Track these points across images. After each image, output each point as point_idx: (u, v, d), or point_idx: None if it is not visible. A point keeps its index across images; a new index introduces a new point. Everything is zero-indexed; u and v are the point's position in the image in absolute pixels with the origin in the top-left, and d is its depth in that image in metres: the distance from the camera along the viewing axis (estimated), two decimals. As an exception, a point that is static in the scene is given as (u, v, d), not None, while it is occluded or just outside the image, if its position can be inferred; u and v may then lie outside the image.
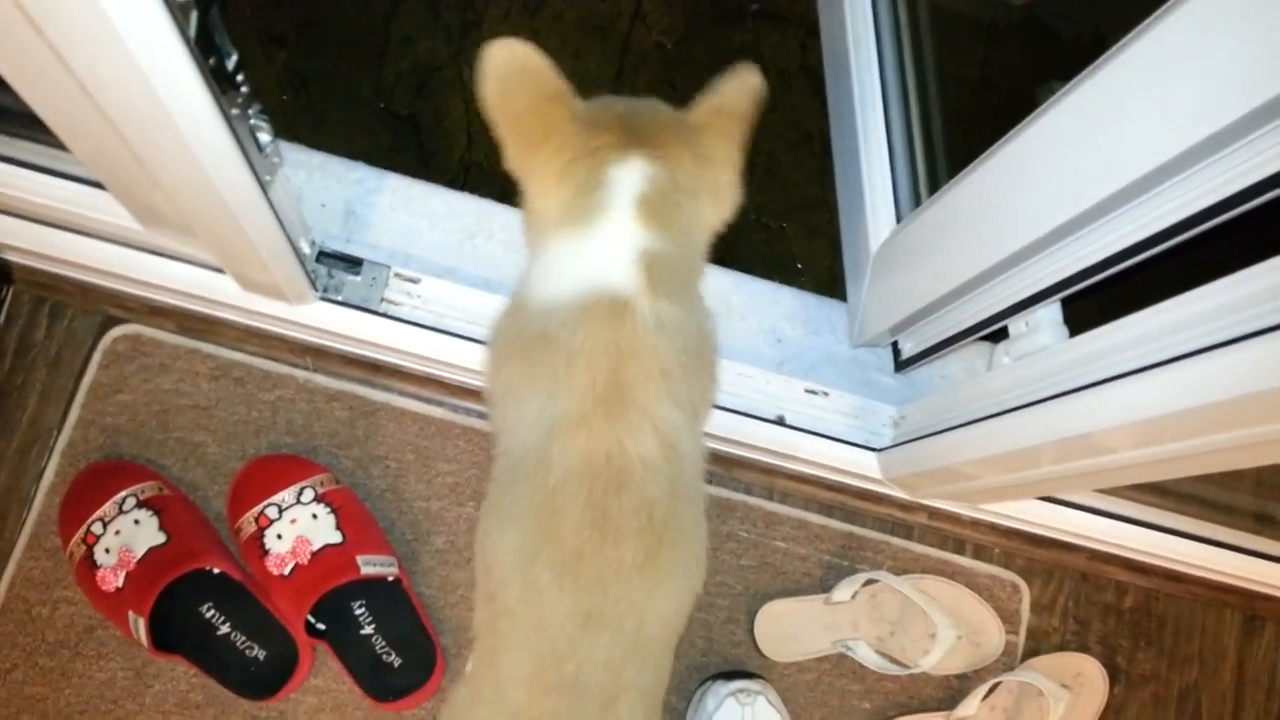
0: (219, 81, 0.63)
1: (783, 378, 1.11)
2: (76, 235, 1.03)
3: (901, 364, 1.13)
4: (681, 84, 1.51)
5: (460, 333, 1.05)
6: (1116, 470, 0.89)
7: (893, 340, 1.13)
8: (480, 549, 0.84)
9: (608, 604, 0.76)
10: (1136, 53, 0.65)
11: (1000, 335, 1.00)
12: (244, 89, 0.69)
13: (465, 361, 1.06)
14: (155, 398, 1.10)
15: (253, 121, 0.74)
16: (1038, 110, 0.79)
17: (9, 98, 0.86)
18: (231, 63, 0.66)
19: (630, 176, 0.77)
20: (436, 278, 1.07)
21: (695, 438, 0.82)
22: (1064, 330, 0.90)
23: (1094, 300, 0.86)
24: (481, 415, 1.14)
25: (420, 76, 1.47)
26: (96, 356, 1.11)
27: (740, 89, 0.82)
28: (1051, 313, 0.90)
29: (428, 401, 1.14)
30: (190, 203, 0.77)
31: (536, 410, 0.77)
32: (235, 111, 0.68)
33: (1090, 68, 0.71)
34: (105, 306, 1.11)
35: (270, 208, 0.79)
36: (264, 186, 0.76)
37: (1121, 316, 0.82)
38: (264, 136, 0.77)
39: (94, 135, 0.73)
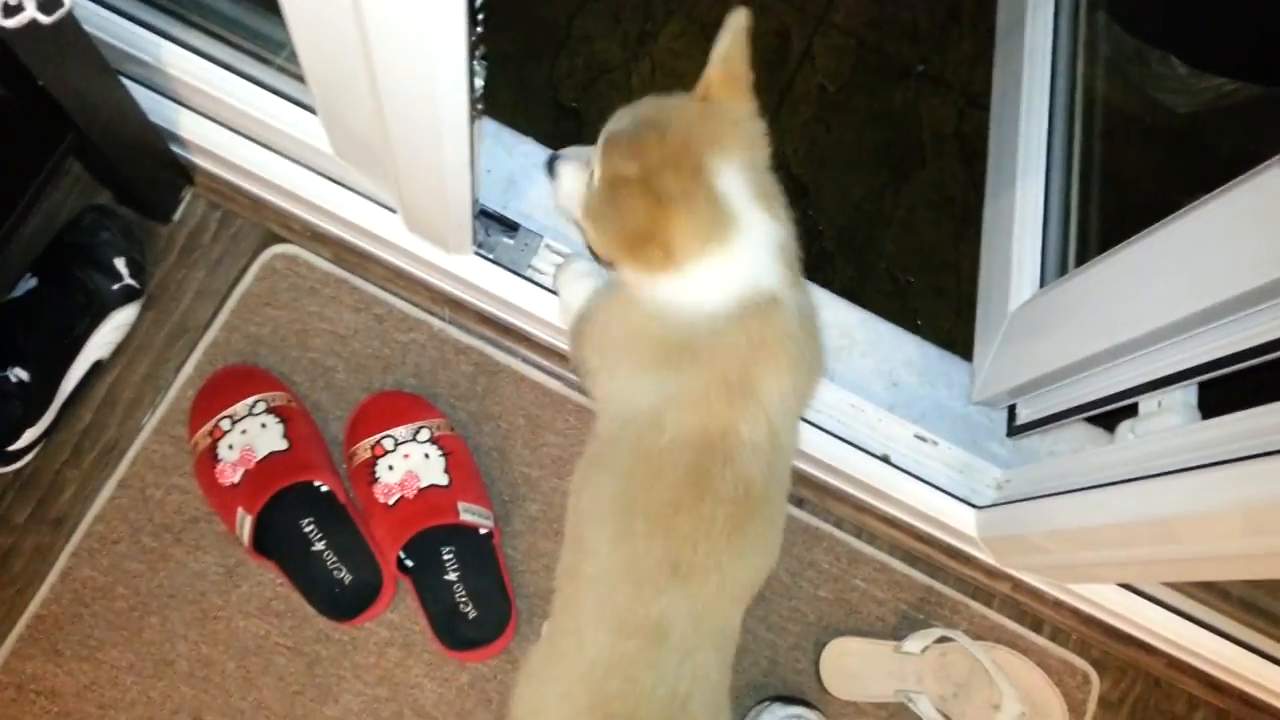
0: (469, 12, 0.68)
1: (894, 418, 1.12)
2: (266, 150, 1.09)
3: (1015, 429, 1.13)
4: (836, 127, 1.54)
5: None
6: (1214, 561, 0.89)
7: (1010, 404, 1.14)
8: (576, 495, 0.89)
9: (697, 558, 0.80)
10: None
11: (1116, 418, 1.00)
12: (481, 26, 0.73)
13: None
14: (299, 317, 1.15)
15: (475, 63, 0.78)
16: (1191, 205, 0.82)
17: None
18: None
19: (730, 179, 0.81)
20: (583, 256, 1.11)
21: (794, 430, 0.88)
22: (1197, 413, 0.90)
23: (1232, 384, 0.86)
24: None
25: (591, 74, 1.53)
26: (254, 268, 1.17)
27: (734, 45, 0.85)
28: (1187, 395, 0.90)
29: (548, 373, 1.17)
30: (406, 135, 0.82)
31: (654, 383, 0.82)
32: (472, 47, 0.73)
33: (1240, 179, 0.76)
34: (272, 224, 1.18)
35: (471, 151, 0.84)
36: (472, 130, 0.81)
37: (1259, 404, 0.82)
38: (479, 81, 0.81)
39: (338, 55, 0.78)
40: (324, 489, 1.05)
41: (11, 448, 1.06)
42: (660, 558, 0.80)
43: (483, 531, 1.08)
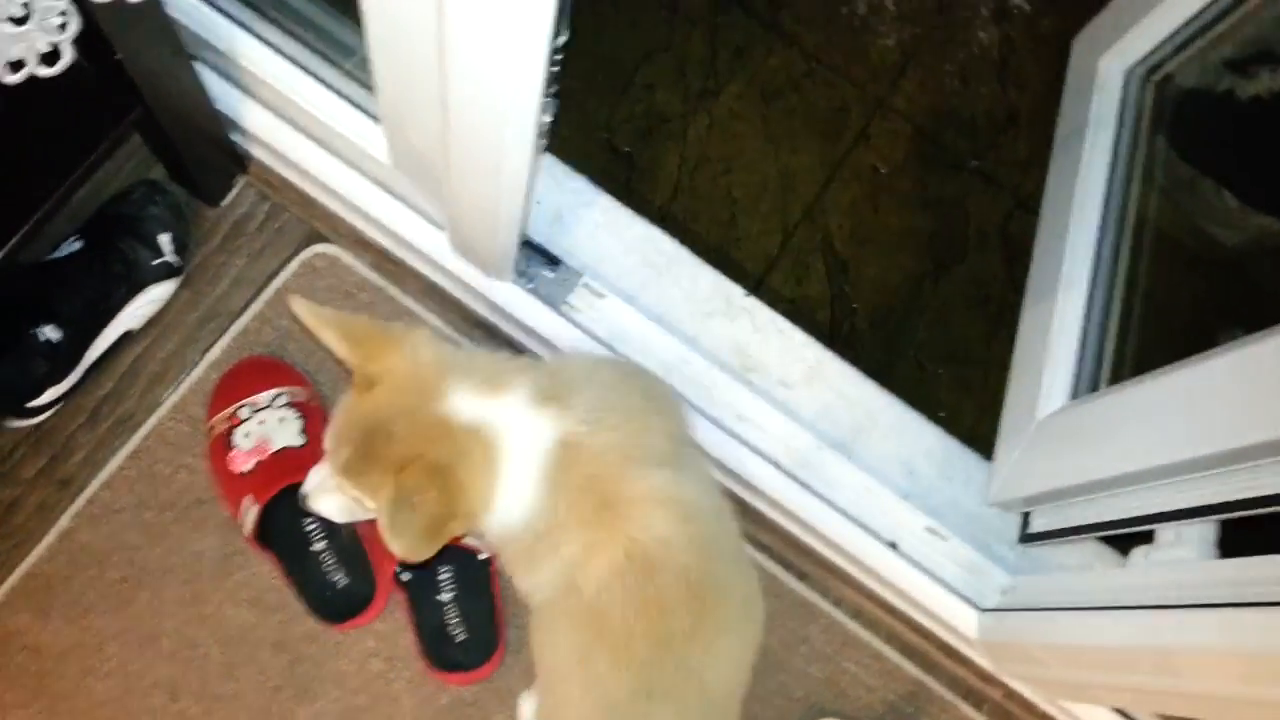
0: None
1: (907, 507, 1.12)
2: (323, 151, 1.11)
3: (1027, 536, 1.12)
4: (883, 209, 1.55)
5: (627, 356, 1.09)
6: (1212, 701, 0.87)
7: (1026, 510, 1.13)
8: (538, 655, 0.89)
9: (666, 674, 0.80)
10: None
11: (1131, 541, 0.99)
12: (559, 65, 0.75)
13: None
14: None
15: (546, 98, 0.79)
16: (1233, 342, 0.82)
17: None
18: (564, 34, 0.72)
19: (465, 407, 0.79)
20: (622, 300, 1.11)
21: (698, 478, 0.86)
22: (1214, 550, 0.89)
23: (1255, 526, 0.85)
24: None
25: (649, 122, 1.55)
26: (294, 264, 1.18)
27: (341, 330, 0.81)
28: (1206, 530, 0.90)
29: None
30: (469, 159, 0.83)
31: (546, 571, 0.82)
32: (547, 82, 0.74)
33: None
34: (318, 223, 1.19)
35: (529, 183, 0.85)
36: (534, 162, 0.82)
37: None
38: (547, 116, 0.82)
39: (413, 72, 0.80)
40: (330, 491, 1.05)
41: (32, 404, 1.07)
42: (633, 689, 0.79)
43: (481, 556, 1.07)
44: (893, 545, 1.10)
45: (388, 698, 1.08)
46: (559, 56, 0.75)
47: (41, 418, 1.09)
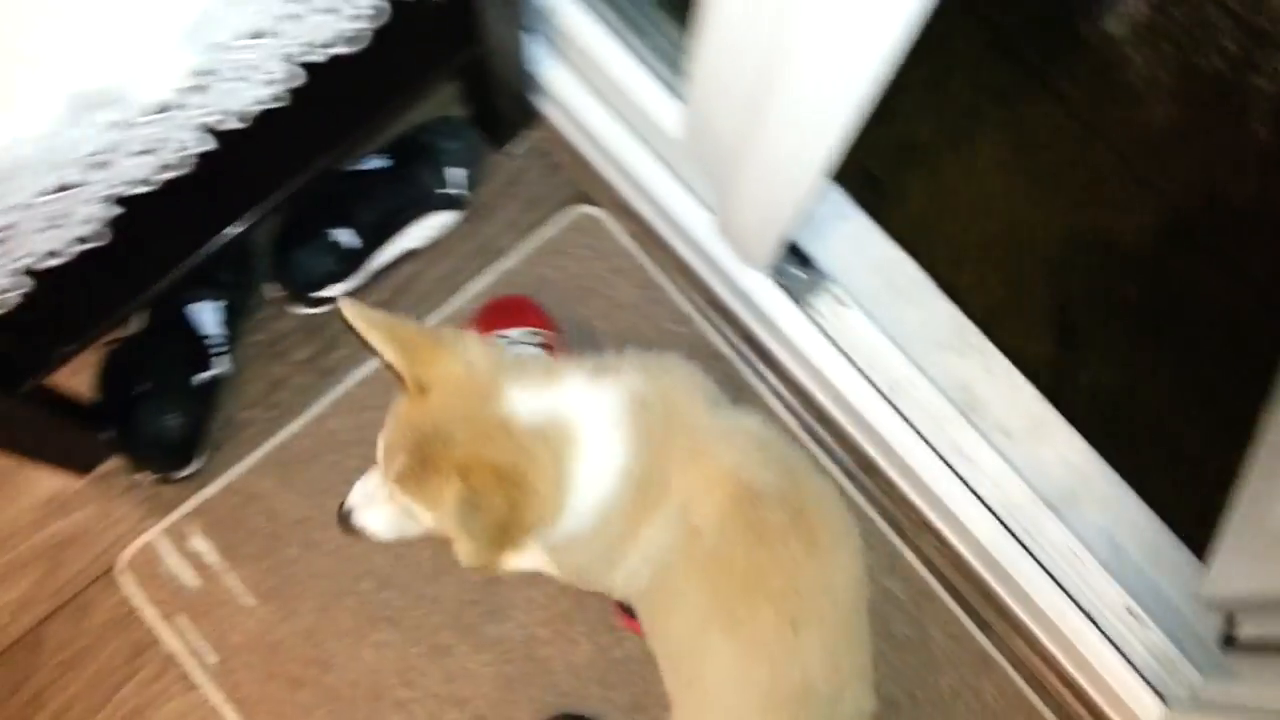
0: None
1: (1110, 581, 1.09)
2: (614, 118, 1.18)
3: (1230, 640, 1.07)
4: (1125, 282, 1.50)
5: (859, 366, 1.11)
6: None
7: (1234, 613, 1.08)
8: (662, 642, 0.90)
9: (804, 600, 0.81)
10: None
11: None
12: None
13: (846, 392, 1.12)
14: (586, 275, 1.23)
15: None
16: None
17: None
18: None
19: (526, 407, 0.78)
20: (862, 312, 1.14)
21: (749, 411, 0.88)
22: None
23: None
24: (821, 438, 1.19)
25: (903, 152, 1.55)
26: (560, 218, 1.26)
27: (390, 333, 0.78)
28: None
29: (788, 407, 1.21)
30: (770, 153, 0.87)
31: (654, 532, 0.82)
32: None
33: None
34: (589, 186, 1.27)
35: (818, 184, 0.89)
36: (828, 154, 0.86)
37: None
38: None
39: (740, 67, 0.85)
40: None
41: (316, 294, 1.18)
42: (776, 623, 0.80)
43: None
44: (1089, 616, 1.08)
45: (567, 638, 1.14)
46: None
47: (320, 310, 1.21)
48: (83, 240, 0.81)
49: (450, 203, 1.22)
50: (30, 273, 0.79)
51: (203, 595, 1.13)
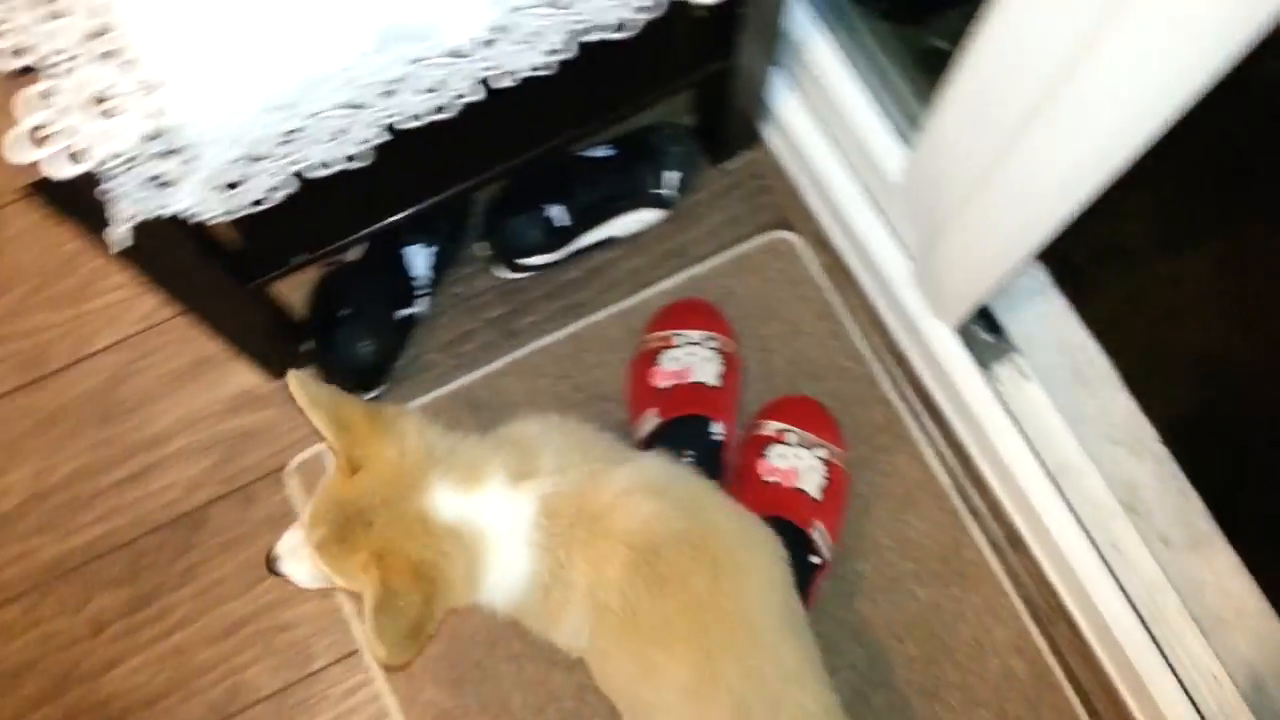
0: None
1: (1247, 713, 1.05)
2: (835, 151, 1.21)
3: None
4: None
5: (1030, 441, 1.11)
6: None
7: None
8: (615, 698, 0.96)
9: (713, 630, 0.83)
10: None
11: None
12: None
13: (1011, 463, 1.11)
14: (771, 296, 1.27)
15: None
16: None
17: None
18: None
19: (446, 501, 0.82)
20: (1045, 393, 1.13)
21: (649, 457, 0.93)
22: None
23: None
24: (973, 504, 1.19)
25: (1109, 247, 1.53)
26: (759, 239, 1.30)
27: (330, 408, 0.82)
28: None
29: (946, 467, 1.21)
30: (995, 215, 0.90)
31: (577, 609, 0.85)
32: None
33: None
34: (793, 214, 1.30)
35: (1030, 252, 0.90)
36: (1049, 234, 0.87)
37: None
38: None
39: (984, 128, 0.87)
40: (718, 438, 1.16)
41: (519, 261, 1.25)
42: (694, 664, 0.83)
43: (814, 560, 1.13)
44: (1213, 737, 1.05)
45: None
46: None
47: (519, 276, 1.28)
48: (350, 159, 0.89)
49: (660, 202, 1.27)
50: (299, 178, 0.87)
51: (356, 513, 1.20)
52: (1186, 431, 1.37)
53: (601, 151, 1.27)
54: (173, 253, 0.93)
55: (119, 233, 0.81)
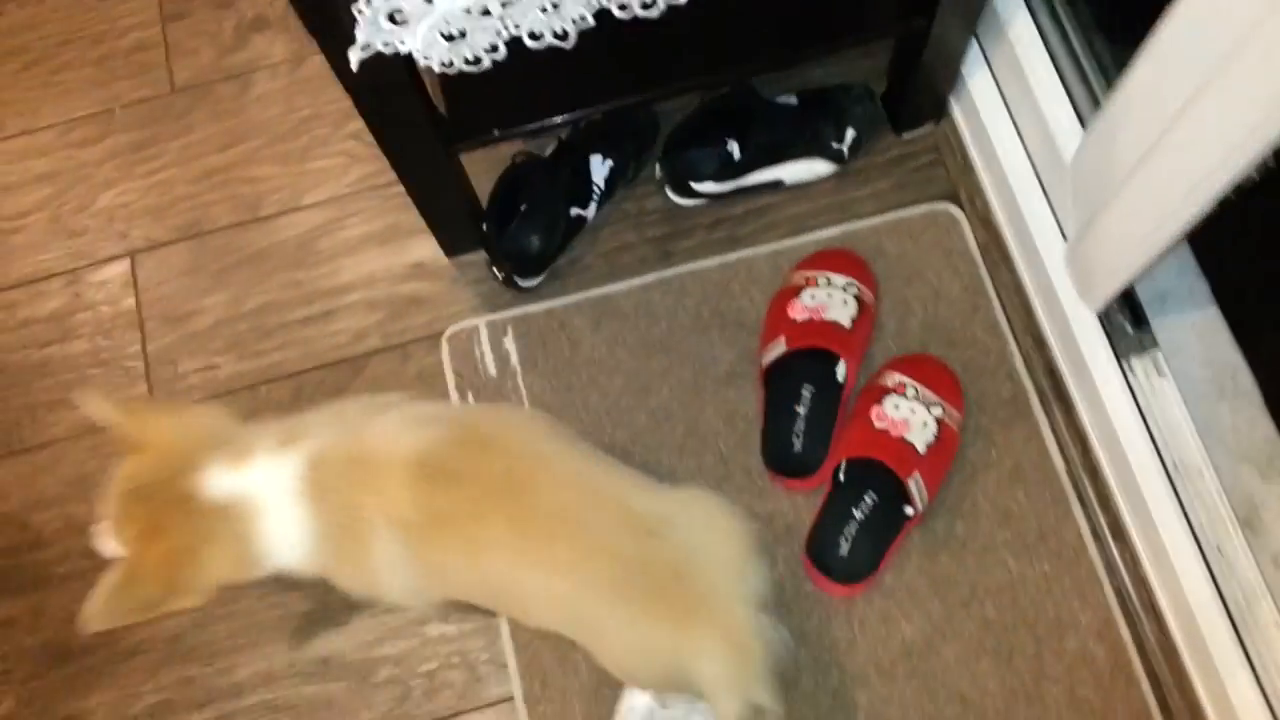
0: None
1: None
2: (1013, 130, 1.24)
3: None
4: None
5: (1153, 436, 1.11)
6: None
7: None
8: (474, 597, 0.98)
9: (524, 494, 0.86)
10: None
11: None
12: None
13: (1130, 454, 1.11)
14: (921, 262, 1.30)
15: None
16: None
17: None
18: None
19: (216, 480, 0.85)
20: (1178, 393, 1.12)
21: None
22: None
23: None
24: (1083, 491, 1.19)
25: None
26: (922, 208, 1.34)
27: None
28: None
29: (1064, 452, 1.22)
30: (1153, 194, 0.92)
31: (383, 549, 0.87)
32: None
33: None
34: (963, 189, 1.34)
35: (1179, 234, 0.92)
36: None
37: None
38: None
39: (1159, 99, 0.90)
40: (841, 376, 1.20)
41: (693, 185, 1.33)
42: (515, 524, 0.86)
43: (908, 510, 1.16)
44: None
45: (768, 556, 1.20)
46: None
47: (690, 201, 1.36)
48: (561, 37, 0.98)
49: (833, 155, 1.33)
50: (510, 46, 0.97)
51: (493, 385, 1.31)
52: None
53: (787, 99, 1.34)
54: (394, 98, 1.05)
55: (356, 57, 0.92)
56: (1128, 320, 1.15)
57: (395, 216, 1.42)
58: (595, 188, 1.33)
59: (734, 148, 1.31)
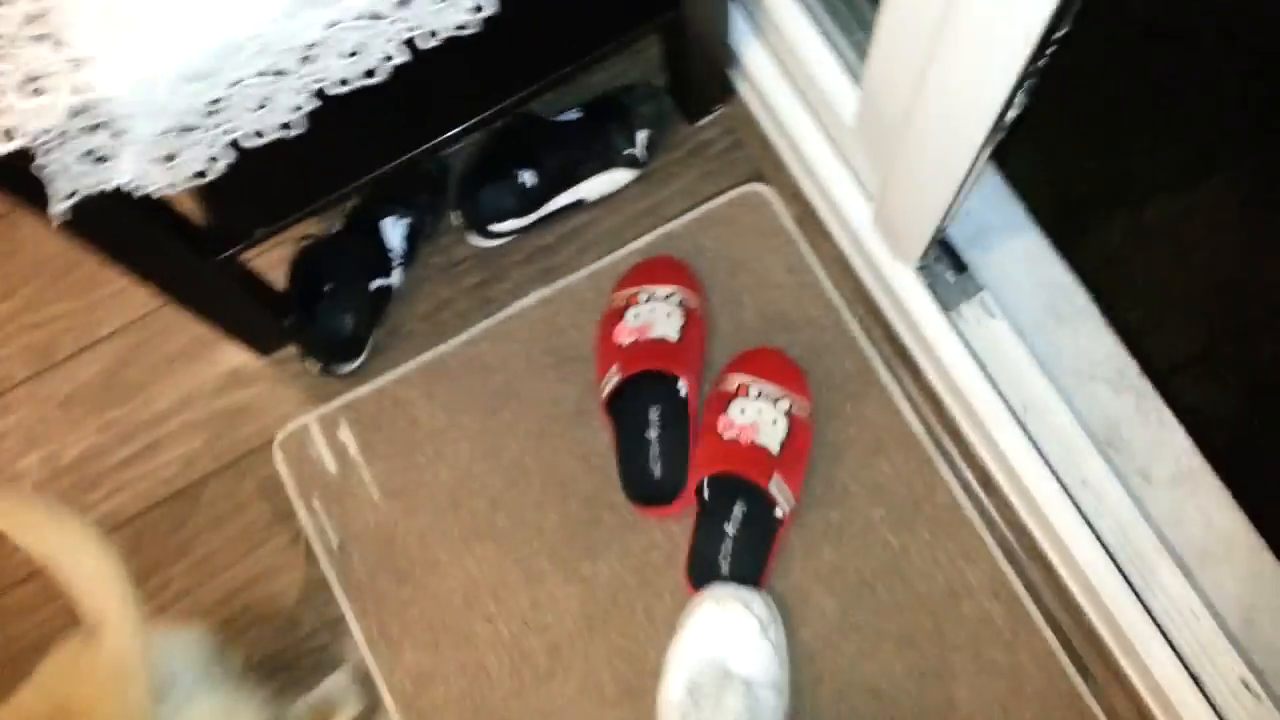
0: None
1: (1230, 651, 1.02)
2: (799, 101, 1.20)
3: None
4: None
5: (993, 380, 1.09)
6: None
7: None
8: None
9: None
10: None
11: None
12: (1046, 58, 0.77)
13: (976, 404, 1.09)
14: (742, 250, 1.26)
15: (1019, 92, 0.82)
16: None
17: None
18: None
19: None
20: (1013, 330, 1.11)
21: None
22: None
23: None
24: (946, 450, 1.17)
25: (1110, 186, 1.48)
26: (731, 194, 1.30)
27: None
28: None
29: (917, 412, 1.20)
30: (923, 132, 0.88)
31: None
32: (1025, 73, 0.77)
33: None
34: (766, 166, 1.29)
35: (968, 171, 0.88)
36: (981, 152, 0.85)
37: None
38: (1013, 111, 0.85)
39: (906, 43, 0.86)
40: (683, 392, 1.16)
41: (493, 228, 1.27)
42: None
43: (778, 513, 1.12)
44: (1196, 680, 1.01)
45: (652, 590, 1.17)
46: (1050, 49, 0.77)
47: (493, 243, 1.30)
48: (285, 126, 0.91)
49: (631, 162, 1.28)
50: (237, 148, 0.90)
51: (338, 482, 1.24)
52: (1182, 373, 1.33)
53: (570, 115, 1.28)
54: (129, 229, 0.97)
55: (58, 209, 0.84)
56: (948, 269, 1.13)
57: (197, 328, 1.33)
58: (392, 253, 1.26)
59: (527, 177, 1.25)
